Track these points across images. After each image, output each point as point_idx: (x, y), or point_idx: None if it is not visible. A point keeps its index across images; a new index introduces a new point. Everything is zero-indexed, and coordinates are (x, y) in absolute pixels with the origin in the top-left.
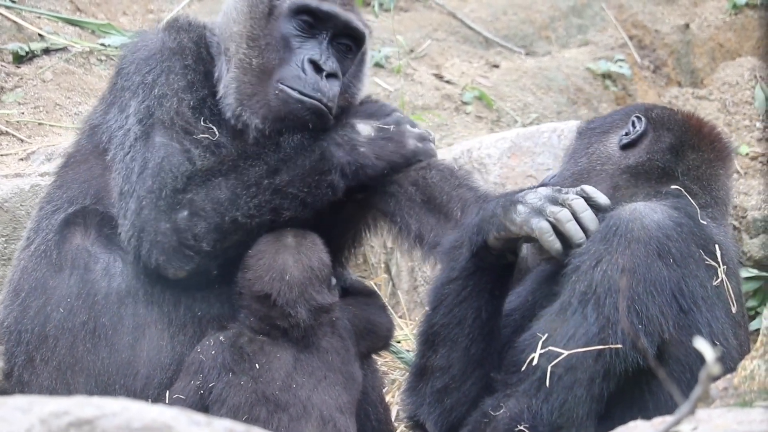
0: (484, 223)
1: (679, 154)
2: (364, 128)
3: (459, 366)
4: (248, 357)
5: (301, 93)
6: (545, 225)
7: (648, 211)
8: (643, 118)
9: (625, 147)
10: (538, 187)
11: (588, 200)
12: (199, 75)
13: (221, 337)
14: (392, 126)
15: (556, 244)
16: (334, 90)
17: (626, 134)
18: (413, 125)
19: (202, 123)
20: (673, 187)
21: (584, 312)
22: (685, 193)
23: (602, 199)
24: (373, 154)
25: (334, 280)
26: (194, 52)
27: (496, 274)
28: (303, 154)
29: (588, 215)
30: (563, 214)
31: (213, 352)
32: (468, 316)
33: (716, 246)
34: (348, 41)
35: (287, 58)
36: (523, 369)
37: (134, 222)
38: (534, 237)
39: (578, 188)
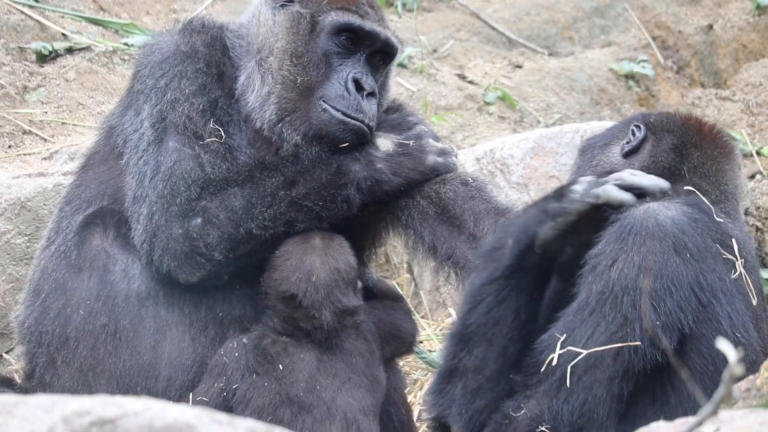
0: (532, 221)
1: (683, 153)
2: (384, 143)
3: (494, 367)
4: (272, 358)
5: (344, 114)
6: (610, 186)
7: (662, 209)
8: (641, 125)
9: (627, 154)
10: None
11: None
12: (211, 78)
13: (244, 339)
14: (413, 141)
15: (627, 195)
16: (373, 109)
17: (627, 142)
18: (436, 138)
19: (211, 125)
20: (685, 187)
21: (602, 311)
22: (697, 192)
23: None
24: (390, 171)
25: (360, 284)
26: (206, 54)
27: (536, 275)
28: (320, 167)
29: (638, 178)
30: (621, 174)
31: (236, 354)
32: (507, 316)
33: (733, 240)
34: (382, 56)
35: (329, 75)
36: (542, 370)
37: (146, 227)
38: (601, 203)
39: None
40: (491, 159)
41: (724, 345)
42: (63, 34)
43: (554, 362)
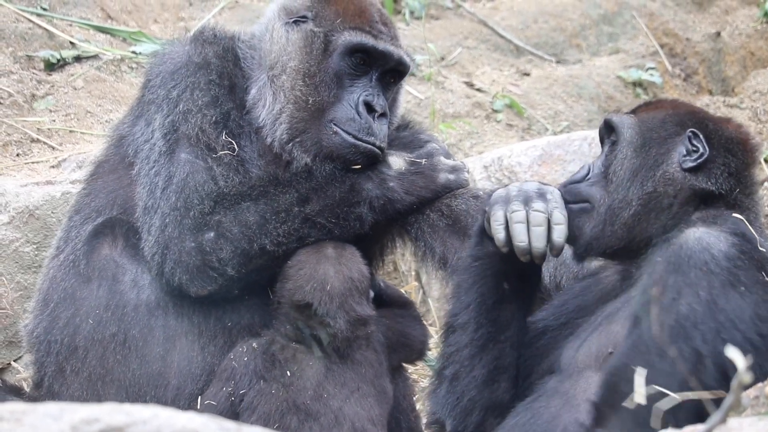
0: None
1: (740, 177)
2: (396, 161)
3: (466, 351)
4: (280, 364)
5: (355, 138)
6: (499, 214)
7: (713, 241)
8: (701, 137)
9: (688, 169)
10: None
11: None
12: (223, 89)
13: (254, 344)
14: (425, 159)
15: (499, 234)
16: (384, 130)
17: (687, 153)
18: (447, 156)
19: (223, 137)
20: (733, 215)
21: (678, 346)
22: (745, 221)
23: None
24: (402, 189)
25: (372, 293)
26: (219, 66)
27: (499, 261)
28: (334, 184)
29: (538, 231)
30: (518, 215)
31: (245, 359)
32: (473, 301)
33: None
34: (394, 75)
35: (340, 96)
36: (624, 403)
37: (158, 239)
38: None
39: (552, 200)
40: (499, 167)
41: (732, 353)
42: (71, 43)
43: (642, 401)
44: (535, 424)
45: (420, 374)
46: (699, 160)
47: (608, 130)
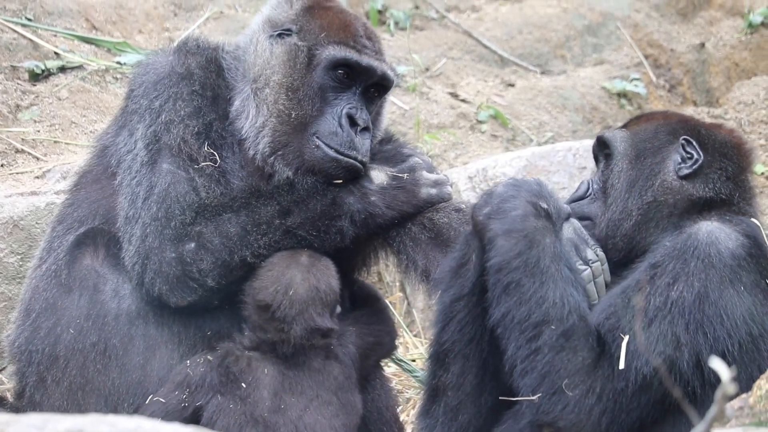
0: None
1: (737, 182)
2: (378, 175)
3: (474, 382)
4: (234, 377)
5: (337, 152)
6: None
7: (723, 237)
8: (694, 143)
9: (686, 177)
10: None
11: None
12: (206, 100)
13: (209, 356)
14: (407, 174)
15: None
16: (366, 145)
17: (682, 160)
18: (430, 169)
19: (205, 148)
20: (752, 219)
21: (660, 326)
22: (760, 226)
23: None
24: (383, 204)
25: (339, 308)
26: (201, 77)
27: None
28: (315, 197)
29: (600, 282)
30: (587, 274)
31: (201, 370)
32: (482, 332)
33: None
34: (378, 89)
35: (323, 110)
36: (600, 357)
37: (139, 249)
38: None
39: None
40: (484, 177)
41: (716, 364)
42: (56, 53)
43: (622, 365)
44: None
45: (404, 385)
46: (694, 166)
47: (601, 147)
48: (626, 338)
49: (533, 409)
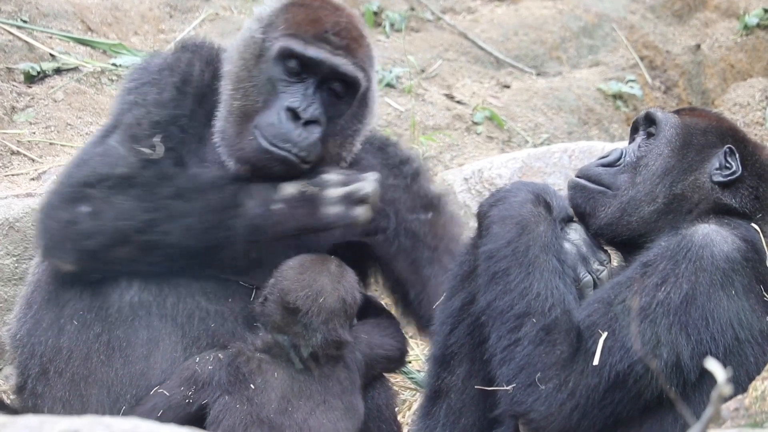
0: None
1: (764, 203)
2: (289, 187)
3: (480, 385)
4: (244, 377)
5: (270, 143)
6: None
7: (719, 240)
8: (737, 156)
9: (717, 183)
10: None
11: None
12: (183, 95)
13: (220, 355)
14: (318, 188)
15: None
16: (310, 139)
17: (720, 167)
18: (368, 191)
19: (155, 138)
20: (752, 224)
21: (641, 326)
22: (760, 232)
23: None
24: (282, 215)
25: (355, 321)
26: (187, 72)
27: None
28: (214, 190)
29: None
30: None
31: (210, 368)
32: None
33: None
34: (343, 85)
35: (270, 102)
36: (577, 352)
37: (42, 205)
38: None
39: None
40: (479, 179)
41: (712, 365)
42: (51, 55)
43: (596, 361)
44: None
45: (400, 386)
46: (730, 177)
47: (647, 122)
48: (604, 335)
49: (507, 400)
